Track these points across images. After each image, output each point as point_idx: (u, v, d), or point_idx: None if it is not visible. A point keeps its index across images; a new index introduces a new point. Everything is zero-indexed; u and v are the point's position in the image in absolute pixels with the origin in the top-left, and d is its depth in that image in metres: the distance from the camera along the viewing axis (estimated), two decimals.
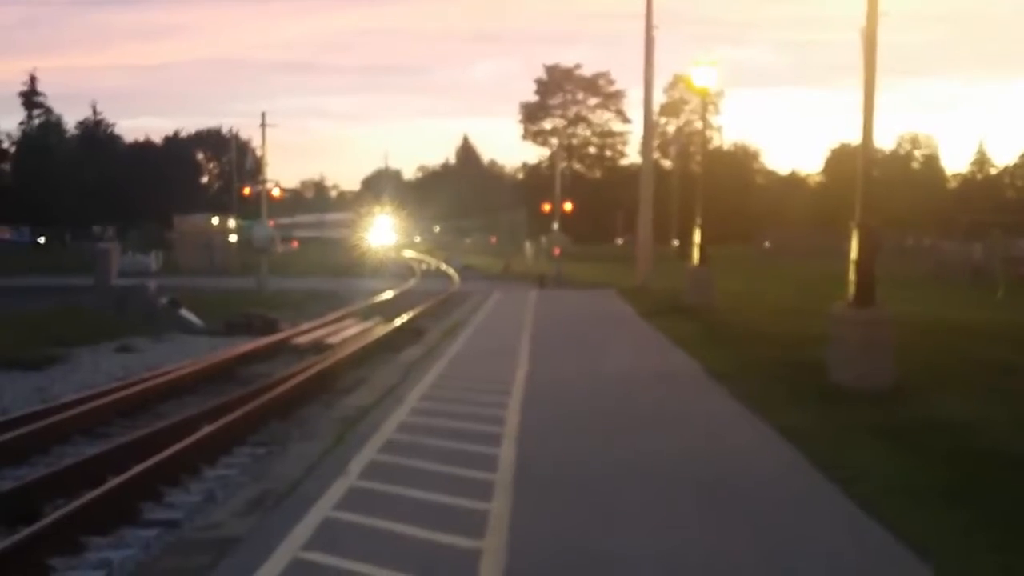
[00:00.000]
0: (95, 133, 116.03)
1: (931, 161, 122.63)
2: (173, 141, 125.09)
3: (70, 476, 10.97)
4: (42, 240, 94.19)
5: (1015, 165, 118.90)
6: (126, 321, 28.37)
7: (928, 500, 8.57)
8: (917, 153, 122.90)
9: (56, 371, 20.53)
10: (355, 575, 6.65)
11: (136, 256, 61.64)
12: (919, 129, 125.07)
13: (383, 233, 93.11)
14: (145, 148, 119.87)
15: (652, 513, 8.20)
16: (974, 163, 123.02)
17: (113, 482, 10.35)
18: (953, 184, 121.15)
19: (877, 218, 15.04)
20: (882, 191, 15.81)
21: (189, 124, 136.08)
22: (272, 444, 13.07)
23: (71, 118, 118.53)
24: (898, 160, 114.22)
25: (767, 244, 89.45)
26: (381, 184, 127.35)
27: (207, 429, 13.07)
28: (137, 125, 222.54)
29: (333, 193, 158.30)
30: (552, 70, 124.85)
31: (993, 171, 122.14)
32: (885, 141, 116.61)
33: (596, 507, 8.34)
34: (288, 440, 12.68)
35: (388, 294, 42.81)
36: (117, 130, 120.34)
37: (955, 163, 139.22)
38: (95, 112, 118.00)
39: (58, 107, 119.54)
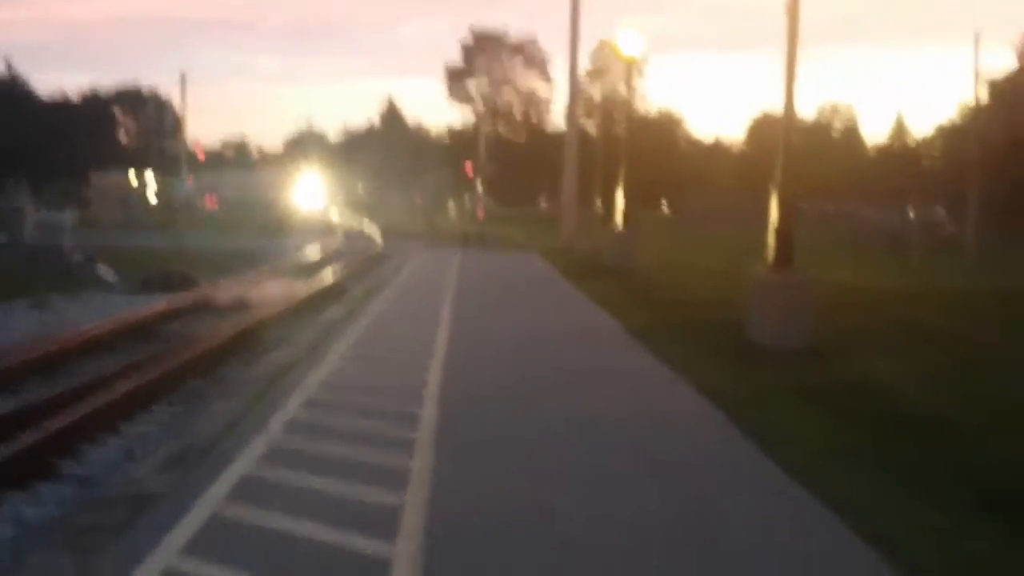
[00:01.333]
0: (11, 89, 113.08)
1: (851, 131, 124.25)
2: (91, 99, 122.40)
3: None
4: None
5: (932, 137, 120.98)
6: (41, 278, 27.80)
7: (840, 457, 8.74)
8: (837, 123, 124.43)
9: None
10: (273, 531, 6.61)
11: (51, 213, 60.31)
12: (840, 99, 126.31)
13: (306, 193, 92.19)
14: (62, 106, 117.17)
15: (577, 470, 8.26)
16: (892, 134, 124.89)
17: (30, 438, 10.16)
18: (872, 154, 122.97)
19: (798, 185, 15.23)
20: (803, 159, 16.01)
21: (109, 80, 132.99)
22: (192, 402, 12.93)
23: None
24: (819, 130, 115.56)
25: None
26: (305, 145, 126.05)
27: (124, 387, 12.88)
28: (54, 79, 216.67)
29: (256, 154, 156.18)
30: (478, 34, 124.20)
31: (911, 143, 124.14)
32: (807, 111, 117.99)
33: (515, 463, 8.38)
34: (208, 398, 12.55)
35: (310, 254, 42.44)
36: (34, 84, 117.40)
37: (874, 133, 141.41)
38: (10, 68, 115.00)
39: None
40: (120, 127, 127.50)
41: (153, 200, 74.81)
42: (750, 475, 8.23)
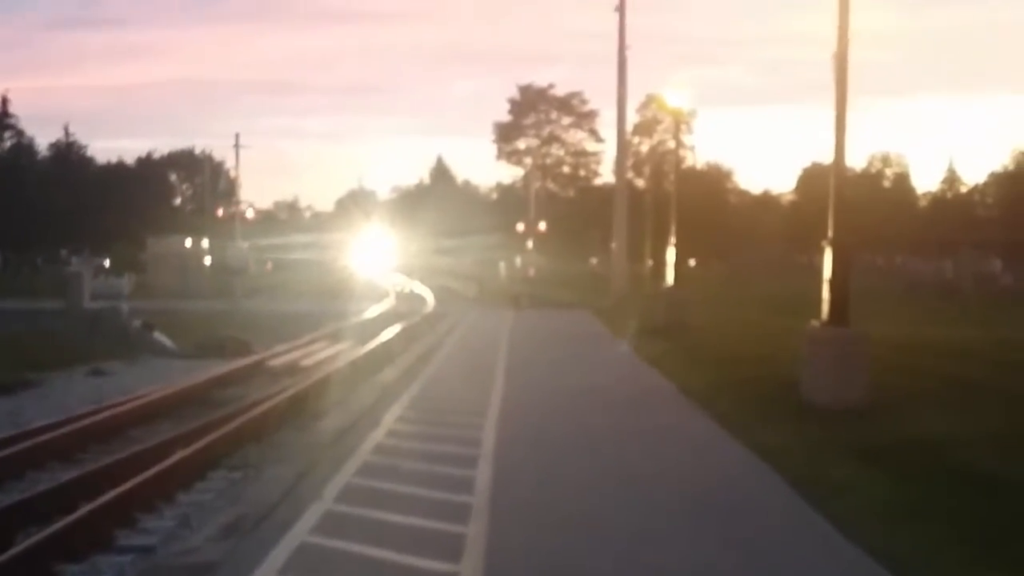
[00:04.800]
0: (67, 155, 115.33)
1: (901, 179, 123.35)
2: (146, 163, 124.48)
3: (43, 502, 10.88)
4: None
5: (984, 183, 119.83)
6: (99, 344, 28.20)
7: (901, 517, 8.62)
8: (888, 171, 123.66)
9: (28, 395, 20.38)
10: None
11: (109, 279, 61.21)
12: (890, 148, 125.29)
13: (358, 254, 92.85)
14: (118, 170, 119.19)
15: (632, 526, 8.23)
16: (944, 181, 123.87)
17: (86, 508, 10.26)
18: (924, 203, 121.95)
19: (850, 237, 15.14)
20: (854, 209, 15.91)
21: (163, 145, 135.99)
22: (247, 468, 13.00)
23: (43, 140, 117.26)
24: (869, 179, 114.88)
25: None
26: (355, 205, 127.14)
27: (181, 454, 12.99)
28: (110, 146, 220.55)
29: (307, 214, 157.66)
30: (525, 90, 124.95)
31: (963, 189, 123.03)
32: (856, 160, 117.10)
33: (573, 525, 8.35)
34: (263, 464, 12.62)
35: (364, 315, 42.66)
36: (90, 151, 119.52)
37: (925, 182, 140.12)
38: (67, 134, 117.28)
39: (30, 129, 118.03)
40: (175, 191, 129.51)
41: (208, 264, 75.64)
42: (805, 535, 8.13)
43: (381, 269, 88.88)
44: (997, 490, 9.55)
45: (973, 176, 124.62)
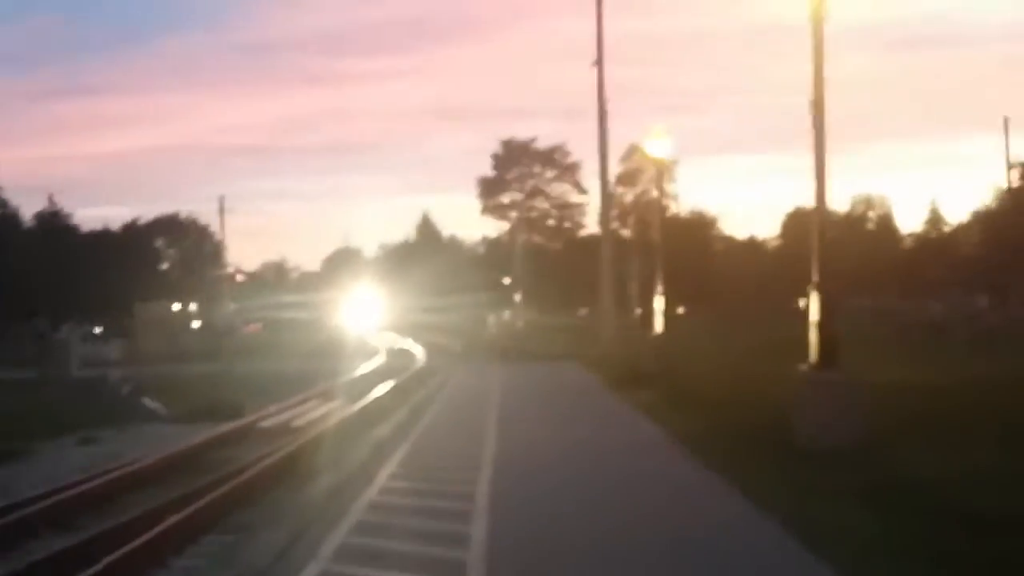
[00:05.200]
0: (52, 224, 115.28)
1: (885, 221, 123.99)
2: (131, 229, 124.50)
3: (37, 571, 10.82)
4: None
5: (968, 223, 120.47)
6: (89, 412, 28.07)
7: (895, 558, 8.63)
8: (871, 213, 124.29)
9: (19, 465, 20.25)
10: None
11: (97, 346, 61.12)
12: (872, 190, 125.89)
13: (347, 313, 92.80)
14: (103, 237, 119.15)
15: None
16: (927, 222, 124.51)
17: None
18: (908, 243, 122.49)
19: (835, 280, 15.24)
20: (838, 252, 16.03)
21: (149, 211, 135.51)
22: (240, 531, 12.94)
23: (28, 209, 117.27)
24: (852, 221, 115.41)
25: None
26: (342, 263, 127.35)
27: (172, 519, 12.92)
28: (96, 214, 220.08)
29: (295, 275, 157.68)
30: (508, 144, 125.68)
31: (946, 229, 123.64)
32: (839, 203, 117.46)
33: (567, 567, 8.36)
34: (257, 526, 12.57)
35: (355, 373, 42.59)
36: (76, 219, 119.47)
37: (909, 222, 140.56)
38: (52, 203, 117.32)
39: (15, 199, 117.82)
40: (161, 257, 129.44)
41: (197, 328, 75.62)
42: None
43: (370, 327, 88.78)
44: (985, 529, 9.57)
45: (956, 215, 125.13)
